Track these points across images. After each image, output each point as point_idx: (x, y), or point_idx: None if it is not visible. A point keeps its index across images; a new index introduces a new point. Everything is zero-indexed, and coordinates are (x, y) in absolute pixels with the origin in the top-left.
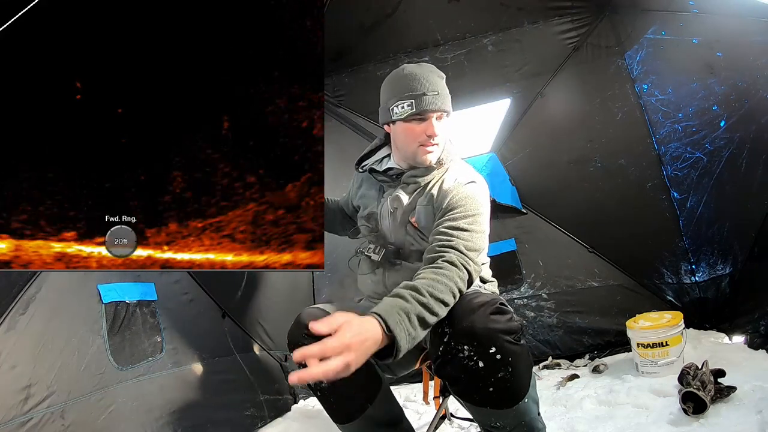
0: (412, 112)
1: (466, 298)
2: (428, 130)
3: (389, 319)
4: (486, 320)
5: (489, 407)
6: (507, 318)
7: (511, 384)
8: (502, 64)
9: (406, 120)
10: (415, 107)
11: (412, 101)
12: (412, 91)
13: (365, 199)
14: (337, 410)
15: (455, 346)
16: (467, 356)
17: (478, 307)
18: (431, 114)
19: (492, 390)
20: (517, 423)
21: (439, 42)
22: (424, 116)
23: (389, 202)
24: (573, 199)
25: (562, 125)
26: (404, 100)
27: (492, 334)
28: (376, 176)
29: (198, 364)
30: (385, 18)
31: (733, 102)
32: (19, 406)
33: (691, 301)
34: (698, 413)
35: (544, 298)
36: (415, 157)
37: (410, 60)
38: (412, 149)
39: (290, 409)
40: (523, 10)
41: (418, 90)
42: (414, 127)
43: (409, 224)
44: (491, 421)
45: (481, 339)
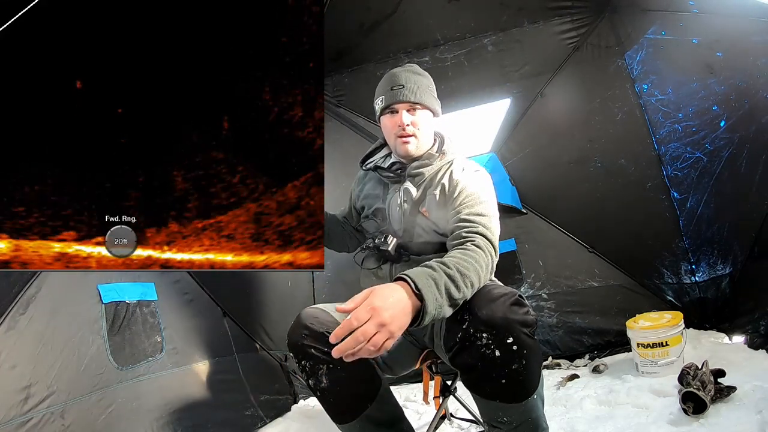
0: (382, 106)
1: (487, 288)
2: (399, 121)
3: (418, 281)
4: (506, 310)
5: (499, 401)
6: (525, 311)
7: (523, 378)
8: (502, 64)
9: (382, 114)
10: (385, 101)
11: (383, 96)
12: (385, 88)
13: (369, 198)
14: (337, 410)
15: (474, 333)
16: (485, 344)
17: (499, 297)
18: (400, 106)
19: (504, 382)
20: (523, 420)
21: (439, 42)
22: (394, 109)
23: (400, 194)
24: (573, 199)
25: (562, 125)
26: (379, 96)
27: (511, 324)
28: (380, 173)
29: (198, 364)
30: (385, 18)
31: (733, 102)
32: (19, 406)
33: (691, 301)
34: (698, 413)
35: (544, 298)
36: (396, 150)
37: (410, 60)
38: (392, 142)
39: (290, 409)
40: (523, 10)
41: (389, 86)
42: (387, 120)
43: (420, 215)
44: (498, 416)
45: (500, 328)
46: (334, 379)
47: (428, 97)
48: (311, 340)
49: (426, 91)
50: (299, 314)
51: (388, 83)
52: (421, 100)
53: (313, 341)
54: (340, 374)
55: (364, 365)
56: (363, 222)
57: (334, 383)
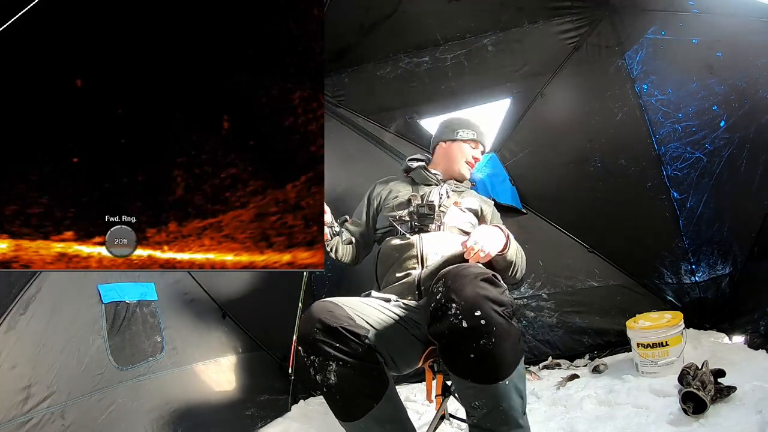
0: (473, 138)
1: (466, 266)
2: (476, 153)
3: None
4: (475, 285)
5: (470, 380)
6: (498, 289)
7: (493, 355)
8: (502, 64)
9: (464, 141)
10: (476, 136)
11: (474, 132)
12: (474, 126)
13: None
14: (343, 408)
15: (445, 303)
16: (453, 314)
17: (470, 274)
18: (480, 145)
19: (473, 357)
20: (494, 406)
21: (439, 42)
22: (477, 145)
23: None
24: (573, 199)
25: (562, 125)
26: (468, 129)
27: (479, 298)
28: (427, 173)
29: (198, 364)
30: (385, 18)
31: (733, 102)
32: (19, 406)
33: (691, 301)
34: (698, 413)
35: (544, 298)
36: (459, 170)
37: (410, 60)
38: (460, 163)
39: (290, 409)
40: (523, 10)
41: (478, 128)
42: (467, 149)
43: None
44: (472, 400)
45: (467, 300)
46: (343, 376)
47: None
48: (323, 335)
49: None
50: (311, 307)
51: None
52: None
53: (325, 336)
54: (348, 372)
55: (373, 364)
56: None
57: (342, 380)
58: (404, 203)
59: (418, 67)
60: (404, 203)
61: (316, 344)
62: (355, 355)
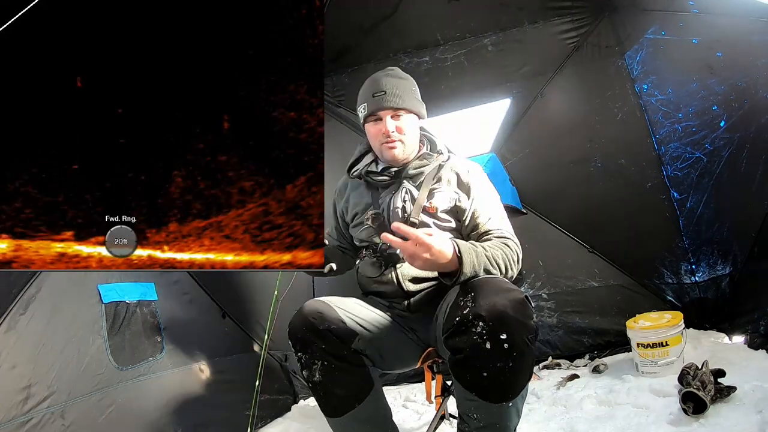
0: (366, 113)
1: (498, 280)
2: (383, 128)
3: (461, 246)
4: (510, 306)
5: (475, 394)
6: (528, 313)
7: (505, 379)
8: (502, 64)
9: (366, 121)
10: (367, 109)
11: (365, 104)
12: (366, 94)
13: (360, 206)
14: (326, 404)
15: (472, 319)
16: (478, 333)
17: (507, 291)
18: (383, 113)
19: (485, 376)
20: (492, 423)
21: (439, 42)
22: (378, 116)
23: (400, 194)
24: (573, 199)
25: (562, 125)
26: (362, 103)
27: (511, 320)
28: (372, 177)
29: (198, 364)
30: (385, 18)
31: (733, 102)
32: (19, 406)
33: (691, 301)
34: (698, 413)
35: (544, 298)
36: (382, 155)
37: (410, 60)
38: (377, 148)
39: (290, 409)
40: (523, 10)
41: (371, 92)
42: (372, 127)
43: (425, 212)
44: (470, 410)
45: (497, 320)
46: (327, 375)
47: (411, 100)
48: (312, 335)
49: (409, 94)
50: (303, 306)
51: (369, 89)
52: (404, 105)
53: (314, 336)
54: (333, 372)
55: (359, 367)
56: (354, 231)
57: (326, 379)
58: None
59: (418, 67)
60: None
61: (304, 342)
62: (341, 357)
